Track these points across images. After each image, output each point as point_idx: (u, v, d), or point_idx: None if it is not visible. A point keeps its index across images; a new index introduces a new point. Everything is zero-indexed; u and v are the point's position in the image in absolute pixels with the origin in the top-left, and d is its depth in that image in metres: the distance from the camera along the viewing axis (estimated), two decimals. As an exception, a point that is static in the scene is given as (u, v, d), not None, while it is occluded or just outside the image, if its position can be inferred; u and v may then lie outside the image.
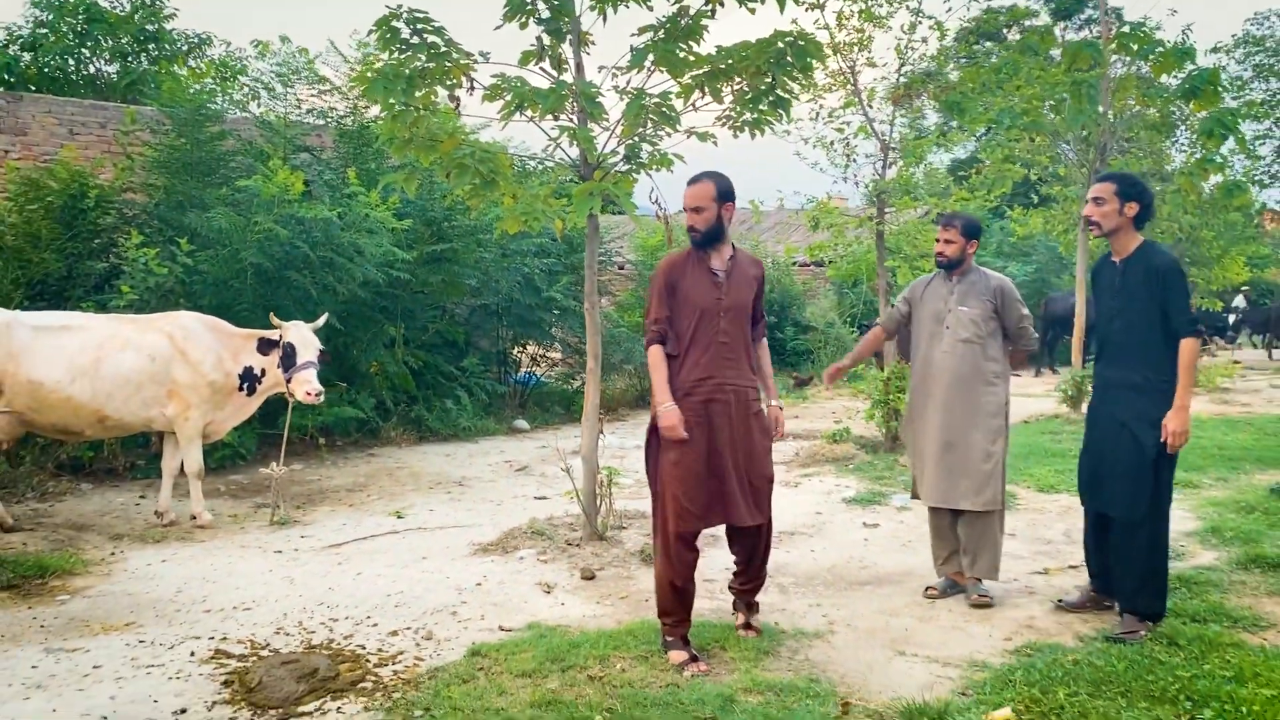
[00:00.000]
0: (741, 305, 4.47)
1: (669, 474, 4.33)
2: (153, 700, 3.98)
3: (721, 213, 4.46)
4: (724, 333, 4.39)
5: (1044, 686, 3.86)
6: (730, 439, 4.36)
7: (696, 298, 4.40)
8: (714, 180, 4.49)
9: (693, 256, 4.51)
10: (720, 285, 4.42)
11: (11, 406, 6.64)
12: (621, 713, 3.69)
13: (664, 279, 4.47)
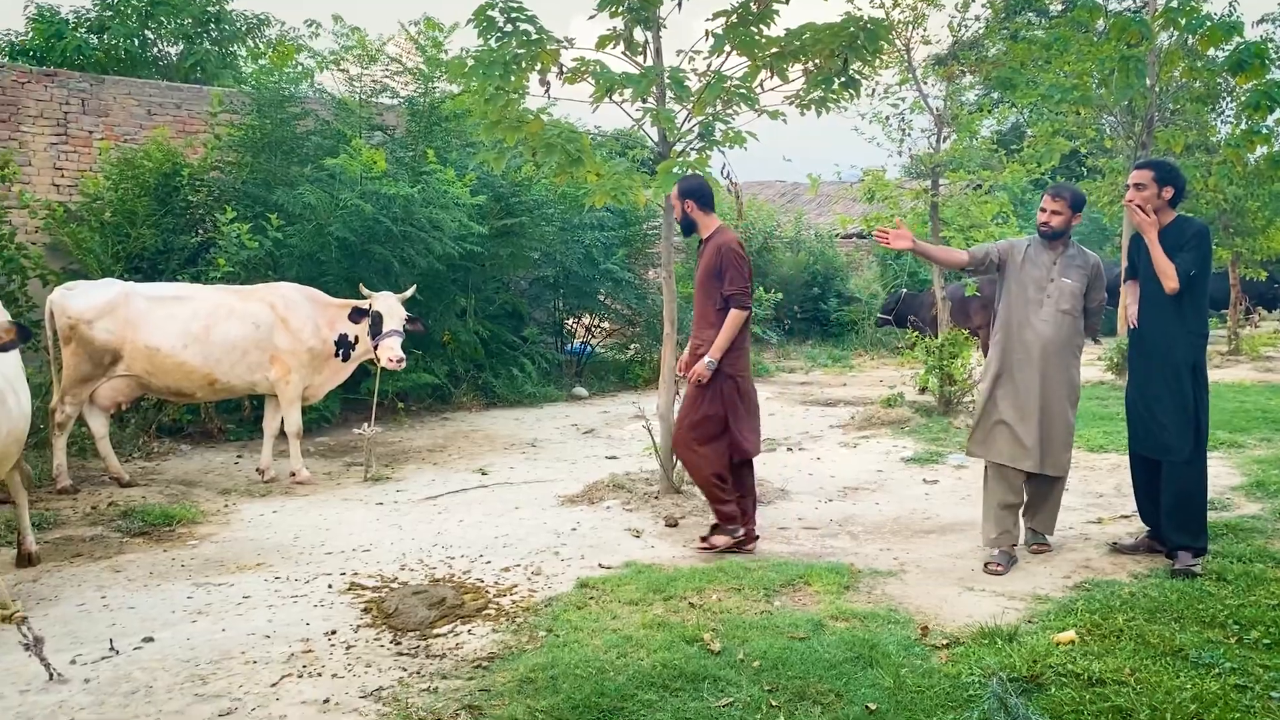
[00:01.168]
0: (700, 281, 5.65)
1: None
2: (305, 623, 4.50)
3: (685, 209, 5.76)
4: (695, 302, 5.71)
5: (1103, 614, 4.29)
6: None
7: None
8: (677, 184, 5.82)
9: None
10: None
11: (130, 370, 7.19)
12: (725, 633, 4.16)
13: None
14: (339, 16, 11.78)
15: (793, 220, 20.37)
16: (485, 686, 3.77)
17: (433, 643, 4.28)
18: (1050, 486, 5.45)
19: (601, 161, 6.32)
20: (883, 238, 5.42)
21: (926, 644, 4.09)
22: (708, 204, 5.76)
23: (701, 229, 5.77)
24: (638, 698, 3.59)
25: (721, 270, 5.52)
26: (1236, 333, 16.77)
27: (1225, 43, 10.27)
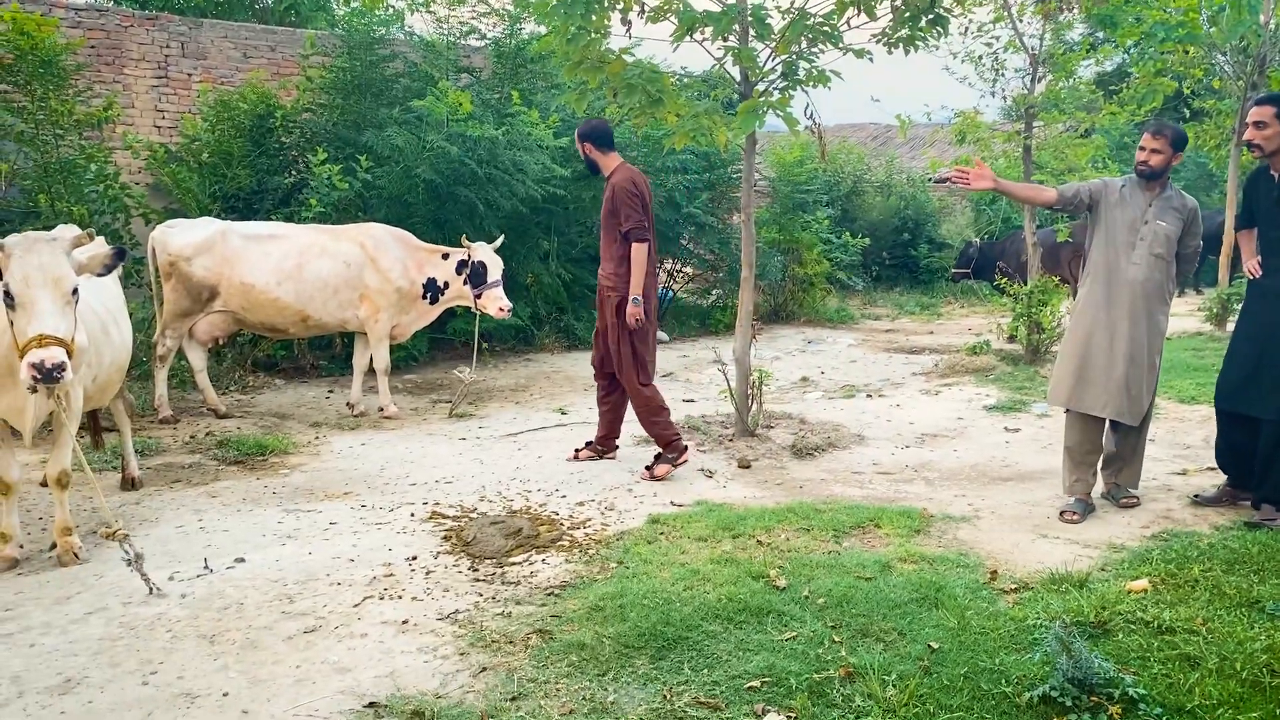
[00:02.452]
0: (603, 220, 6.11)
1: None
2: (387, 549, 4.70)
3: (584, 151, 6.22)
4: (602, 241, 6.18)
5: (1179, 563, 4.23)
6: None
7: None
8: (577, 129, 6.27)
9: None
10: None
11: (227, 306, 7.47)
12: (792, 570, 4.21)
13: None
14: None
15: (884, 164, 19.97)
16: (556, 613, 3.90)
17: (508, 570, 4.43)
18: (1134, 439, 5.34)
19: (683, 103, 6.29)
20: (962, 178, 5.29)
21: (994, 588, 4.09)
22: (606, 144, 6.17)
23: (603, 168, 6.20)
24: (702, 628, 3.68)
25: (616, 208, 5.98)
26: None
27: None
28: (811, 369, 10.05)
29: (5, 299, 4.11)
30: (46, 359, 3.99)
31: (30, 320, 4.07)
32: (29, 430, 4.54)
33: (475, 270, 7.75)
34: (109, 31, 11.11)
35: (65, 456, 4.66)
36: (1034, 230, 10.37)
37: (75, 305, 4.27)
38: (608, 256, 6.15)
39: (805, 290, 14.07)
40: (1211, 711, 3.04)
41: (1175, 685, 3.20)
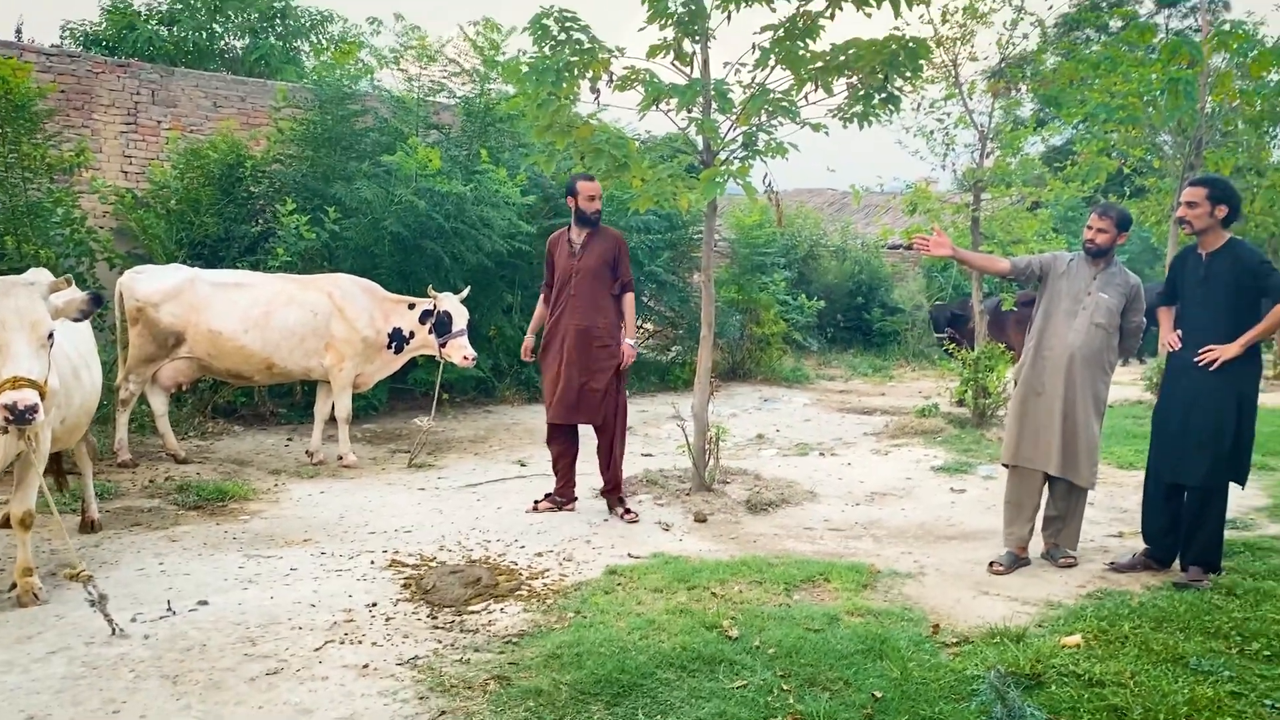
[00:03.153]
0: (594, 269, 6.37)
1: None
2: (348, 595, 4.78)
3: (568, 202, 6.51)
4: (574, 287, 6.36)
5: (1111, 621, 4.44)
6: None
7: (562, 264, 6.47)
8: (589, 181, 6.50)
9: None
10: (575, 255, 6.42)
11: (193, 353, 7.55)
12: (744, 622, 4.36)
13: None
14: (400, 15, 12.14)
15: (840, 229, 20.46)
16: (514, 660, 4.01)
17: (467, 619, 4.53)
18: (1075, 500, 5.59)
19: (647, 167, 6.54)
20: (923, 245, 5.59)
21: (936, 641, 4.27)
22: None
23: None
24: (657, 676, 3.81)
25: (617, 260, 6.43)
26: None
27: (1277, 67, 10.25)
28: (767, 427, 10.26)
29: (-19, 341, 4.20)
30: (19, 400, 4.07)
31: (5, 362, 4.16)
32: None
33: (441, 320, 7.90)
34: (79, 77, 11.21)
35: (30, 497, 4.72)
36: (981, 298, 10.72)
37: (50, 348, 4.37)
38: (595, 308, 6.35)
39: (762, 349, 14.35)
40: (1135, 759, 3.22)
41: (1102, 734, 3.38)
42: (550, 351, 6.47)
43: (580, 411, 6.39)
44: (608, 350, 6.36)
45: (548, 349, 6.50)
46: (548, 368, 6.49)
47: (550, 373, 6.45)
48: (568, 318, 6.37)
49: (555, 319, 6.47)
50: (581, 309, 6.35)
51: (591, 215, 6.44)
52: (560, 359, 6.36)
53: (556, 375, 6.38)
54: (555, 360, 6.41)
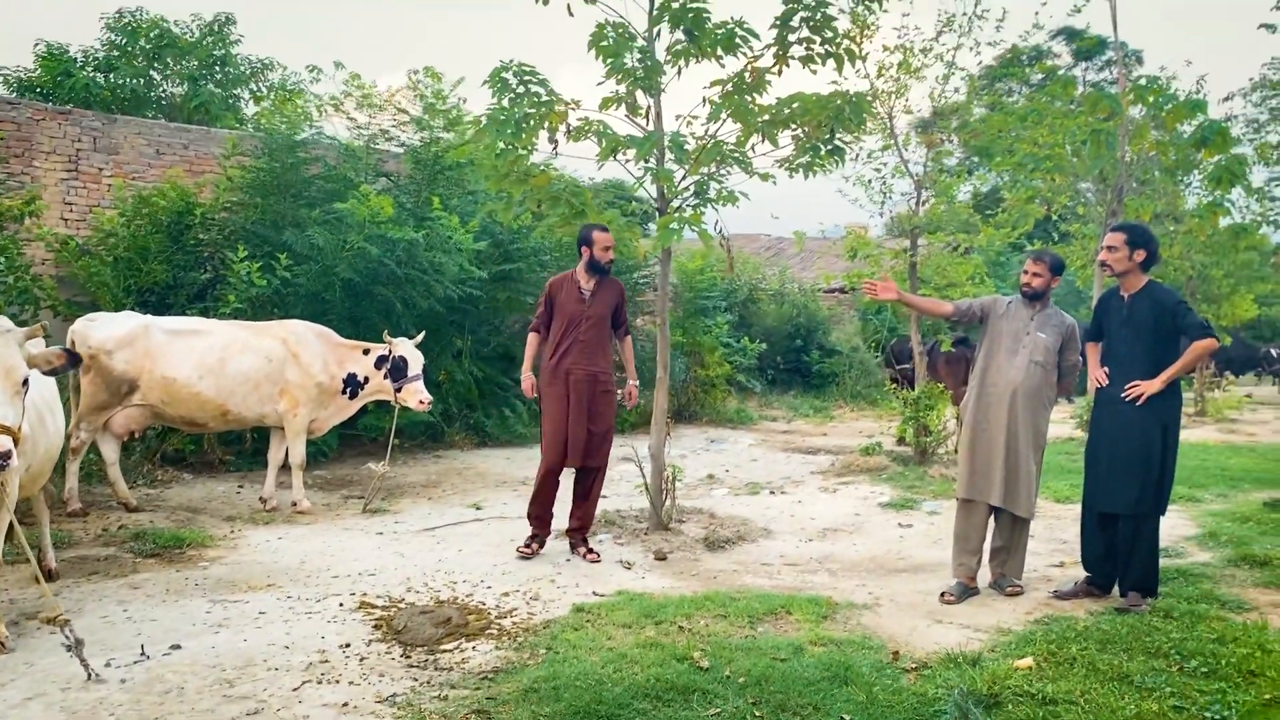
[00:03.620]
0: (603, 316, 6.59)
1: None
2: (320, 636, 4.83)
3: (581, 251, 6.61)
4: (584, 333, 6.49)
5: (1059, 644, 4.68)
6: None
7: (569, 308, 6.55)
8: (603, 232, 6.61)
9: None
10: (585, 301, 6.55)
11: (146, 400, 7.52)
12: (713, 653, 4.51)
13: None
14: (340, 63, 12.30)
15: (778, 274, 20.91)
16: (492, 695, 4.10)
17: (440, 657, 4.61)
18: (1018, 531, 5.85)
19: (604, 215, 6.75)
20: (870, 289, 5.87)
21: (897, 667, 4.45)
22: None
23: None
24: (633, 706, 3.93)
25: (619, 306, 6.70)
26: (1203, 395, 17.32)
27: (1190, 119, 10.84)
28: (717, 467, 10.45)
29: (-45, 389, 4.22)
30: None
31: (-22, 409, 4.18)
32: (-36, 519, 4.58)
33: (396, 364, 7.99)
34: (19, 124, 11.13)
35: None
36: (920, 339, 11.10)
37: (25, 395, 4.39)
38: (601, 354, 6.55)
39: (707, 391, 14.59)
40: (1090, 770, 3.42)
41: (1059, 748, 3.59)
42: (553, 396, 6.49)
43: (589, 455, 6.50)
44: (609, 395, 6.57)
45: (548, 392, 6.53)
46: (550, 413, 6.49)
47: (554, 418, 6.46)
48: (575, 363, 6.44)
49: (557, 362, 6.50)
50: (590, 354, 6.47)
51: (606, 265, 6.57)
52: (566, 404, 6.41)
53: (562, 420, 6.42)
54: (560, 405, 6.44)
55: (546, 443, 6.51)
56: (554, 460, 6.49)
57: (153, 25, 17.75)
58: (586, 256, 6.55)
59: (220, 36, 18.31)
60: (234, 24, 18.46)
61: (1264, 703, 4.04)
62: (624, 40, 6.69)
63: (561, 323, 6.55)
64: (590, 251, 6.53)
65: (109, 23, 17.78)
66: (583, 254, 6.59)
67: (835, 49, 6.42)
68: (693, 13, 6.22)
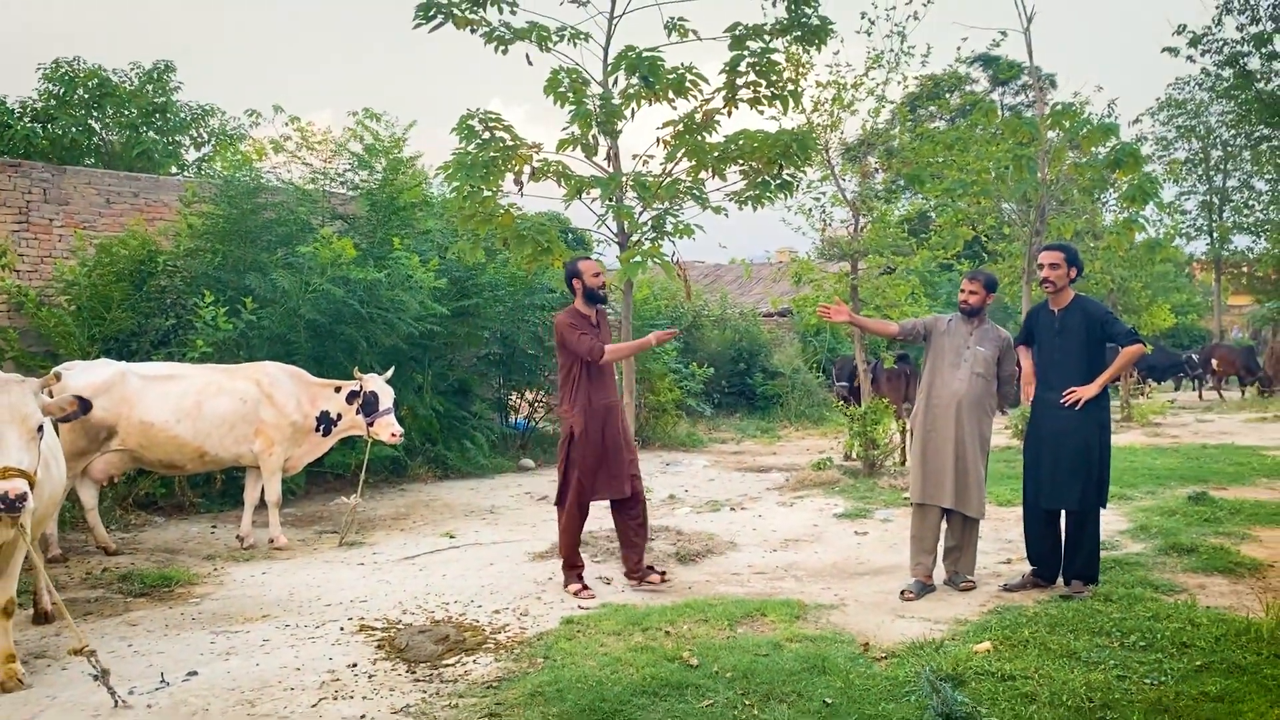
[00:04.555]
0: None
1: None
2: (328, 658, 5.10)
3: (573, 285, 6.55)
4: (604, 365, 6.47)
5: (1013, 628, 5.14)
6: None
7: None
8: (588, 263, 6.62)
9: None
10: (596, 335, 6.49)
11: (125, 445, 7.69)
12: (700, 652, 4.88)
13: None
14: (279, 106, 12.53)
15: (719, 299, 21.45)
16: (500, 700, 4.43)
17: (444, 671, 4.91)
18: (969, 531, 6.33)
19: (567, 250, 7.14)
20: (825, 313, 6.35)
21: (868, 656, 4.87)
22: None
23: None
24: (633, 703, 4.28)
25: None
26: (1128, 402, 18.17)
27: (1104, 142, 11.59)
28: (676, 488, 10.83)
29: (-26, 435, 4.45)
30: (10, 490, 4.33)
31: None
32: (-19, 561, 4.78)
33: (367, 400, 8.26)
34: (-32, 178, 11.21)
35: (12, 586, 4.91)
36: (865, 358, 11.64)
37: (40, 441, 4.63)
38: (614, 381, 6.68)
39: (658, 417, 14.99)
40: (1048, 731, 3.86)
41: (1020, 715, 4.02)
42: (590, 431, 6.36)
43: (626, 483, 6.49)
44: (622, 413, 6.71)
45: (584, 429, 6.36)
46: (586, 447, 6.35)
47: (592, 452, 6.36)
48: (605, 396, 6.46)
49: (588, 399, 6.39)
50: (612, 385, 6.58)
51: (601, 292, 6.55)
52: (601, 436, 6.38)
53: (600, 453, 6.38)
54: (598, 441, 6.37)
55: (584, 478, 6.39)
56: (595, 493, 6.46)
57: (91, 75, 17.77)
58: (580, 289, 6.51)
59: (160, 84, 18.38)
60: (173, 71, 18.53)
61: (1195, 668, 4.53)
62: (579, 86, 7.12)
63: (580, 359, 6.40)
64: (582, 282, 6.50)
65: (46, 73, 17.77)
66: (575, 287, 6.55)
67: (780, 91, 6.91)
68: (648, 62, 6.67)
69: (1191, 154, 31.93)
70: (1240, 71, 23.36)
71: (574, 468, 6.41)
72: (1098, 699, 4.17)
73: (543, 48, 7.11)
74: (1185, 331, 32.62)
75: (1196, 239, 32.69)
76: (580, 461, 6.37)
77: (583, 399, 6.40)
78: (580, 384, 6.42)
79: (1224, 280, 33.54)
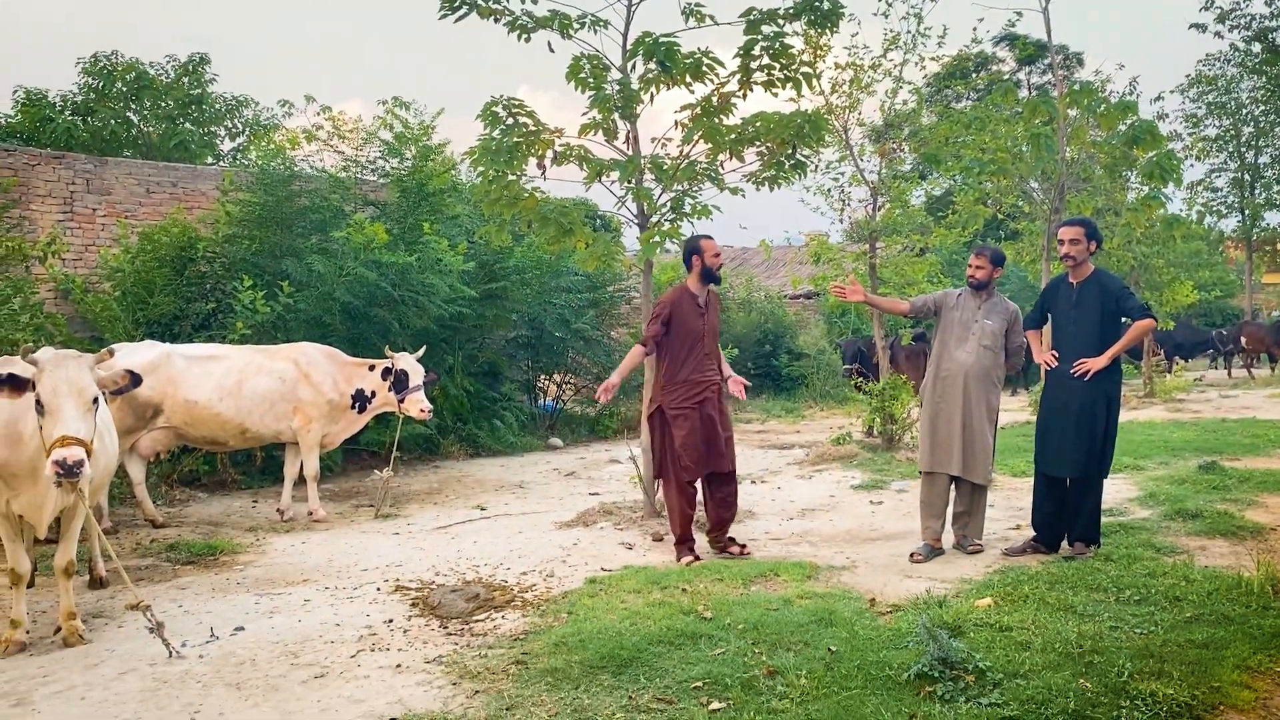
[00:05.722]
0: (717, 326, 6.74)
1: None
2: (365, 615, 5.44)
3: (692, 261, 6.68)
4: (708, 345, 6.61)
5: (1014, 585, 5.38)
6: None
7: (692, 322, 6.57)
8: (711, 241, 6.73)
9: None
10: (703, 313, 6.61)
11: (170, 422, 8.08)
12: (714, 607, 5.17)
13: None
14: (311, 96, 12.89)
15: (744, 282, 21.66)
16: (526, 650, 4.73)
17: (474, 626, 5.24)
18: (976, 497, 6.57)
19: (590, 233, 7.42)
20: (839, 292, 6.60)
21: (874, 611, 5.14)
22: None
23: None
24: (650, 650, 4.58)
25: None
26: (1151, 378, 18.22)
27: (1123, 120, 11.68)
28: (698, 464, 11.11)
29: (36, 407, 4.80)
30: (69, 457, 4.67)
31: (56, 424, 4.76)
32: (44, 524, 5.15)
33: (398, 377, 8.60)
34: (16, 170, 11.64)
35: (72, 548, 5.28)
36: (883, 336, 11.85)
37: (95, 413, 4.98)
38: (718, 361, 6.74)
39: (683, 397, 15.22)
40: (1037, 673, 4.12)
41: (1012, 660, 4.28)
42: (684, 410, 6.47)
43: (725, 459, 6.63)
44: (725, 400, 6.79)
45: (679, 408, 6.49)
46: (681, 425, 6.46)
47: (689, 429, 6.45)
48: (705, 374, 6.53)
49: (685, 376, 6.51)
50: (714, 365, 6.65)
51: (718, 272, 6.70)
52: (699, 414, 6.47)
53: (700, 431, 6.47)
54: (693, 416, 6.47)
55: (683, 457, 6.46)
56: (695, 470, 6.51)
57: (129, 68, 18.25)
58: (699, 266, 6.59)
59: (196, 76, 18.84)
60: (208, 63, 18.98)
61: (1185, 620, 4.76)
62: (599, 71, 7.39)
63: (684, 337, 6.51)
64: (701, 260, 6.58)
65: (85, 67, 18.26)
66: (693, 264, 6.61)
67: (793, 74, 7.14)
68: (665, 47, 6.91)
69: (1222, 130, 31.65)
70: (1270, 46, 23.22)
71: (670, 444, 6.54)
72: (1088, 646, 4.41)
73: (564, 35, 7.37)
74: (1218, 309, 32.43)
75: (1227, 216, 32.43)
76: (678, 438, 6.47)
77: (672, 375, 6.56)
78: (671, 361, 6.57)
79: (1256, 258, 33.26)
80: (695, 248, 6.62)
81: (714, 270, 6.67)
